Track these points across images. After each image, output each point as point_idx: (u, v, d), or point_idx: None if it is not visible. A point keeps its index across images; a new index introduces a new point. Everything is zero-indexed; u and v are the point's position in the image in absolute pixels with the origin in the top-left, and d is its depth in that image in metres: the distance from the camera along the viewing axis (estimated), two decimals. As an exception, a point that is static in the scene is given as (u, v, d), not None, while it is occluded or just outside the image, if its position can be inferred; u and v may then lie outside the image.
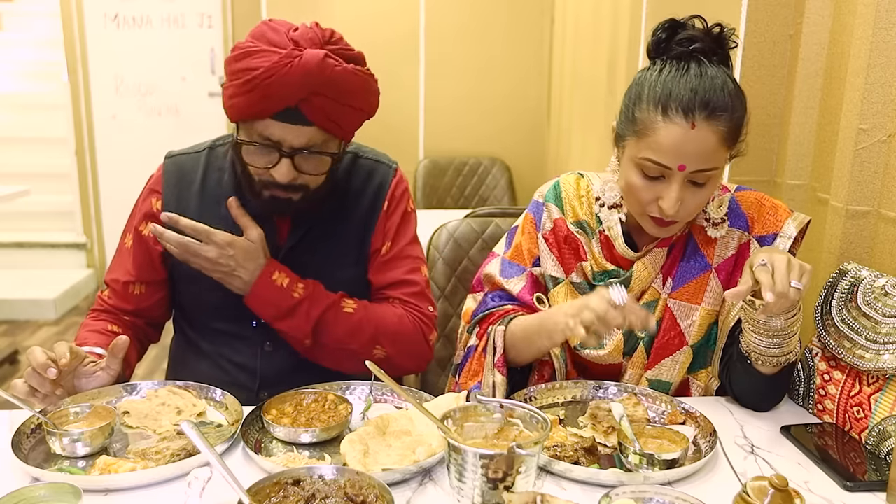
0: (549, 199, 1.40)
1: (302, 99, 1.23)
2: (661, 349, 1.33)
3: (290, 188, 1.30)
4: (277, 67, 1.21)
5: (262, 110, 1.24)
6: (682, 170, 1.18)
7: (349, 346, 1.38)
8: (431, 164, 4.27)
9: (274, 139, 1.26)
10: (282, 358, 1.42)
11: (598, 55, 3.01)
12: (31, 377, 1.19)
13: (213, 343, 1.45)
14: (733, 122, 1.18)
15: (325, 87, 1.23)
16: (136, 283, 1.45)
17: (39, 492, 0.91)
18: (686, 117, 1.16)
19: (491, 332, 1.35)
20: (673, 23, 1.23)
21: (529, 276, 1.39)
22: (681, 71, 1.19)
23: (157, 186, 1.44)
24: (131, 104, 4.86)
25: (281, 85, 1.21)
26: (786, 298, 1.10)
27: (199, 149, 1.47)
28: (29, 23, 6.02)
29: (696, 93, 1.16)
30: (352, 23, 4.21)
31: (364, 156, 1.48)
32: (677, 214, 1.21)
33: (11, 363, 3.78)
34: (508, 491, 0.91)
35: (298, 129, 1.25)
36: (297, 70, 1.21)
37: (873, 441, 1.15)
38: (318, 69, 1.21)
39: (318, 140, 1.28)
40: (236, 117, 1.29)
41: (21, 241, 5.12)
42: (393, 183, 1.47)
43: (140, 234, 1.44)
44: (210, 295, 1.41)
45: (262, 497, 0.92)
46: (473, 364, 1.37)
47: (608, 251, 1.34)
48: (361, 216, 1.44)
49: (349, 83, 1.26)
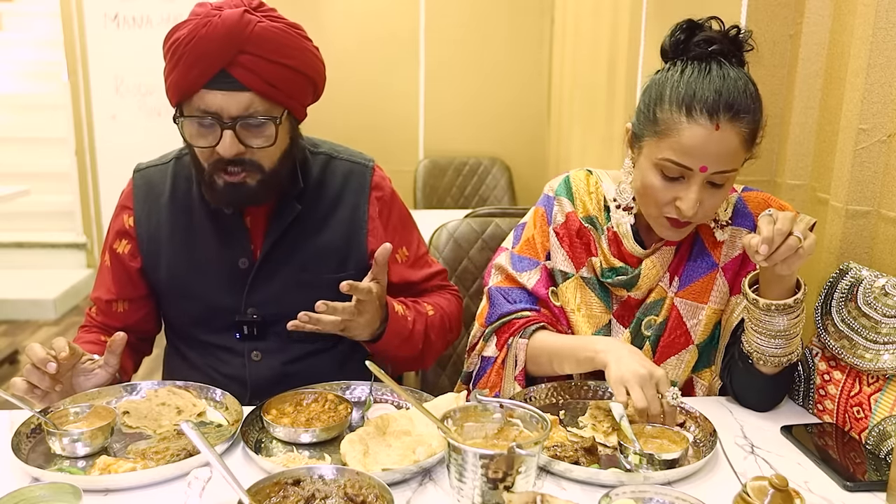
0: (561, 192, 1.40)
1: (230, 61, 1.21)
2: (667, 348, 1.33)
3: (240, 165, 1.27)
4: (197, 29, 1.21)
5: (195, 80, 1.22)
6: (703, 171, 1.17)
7: (440, 344, 1.45)
8: (431, 164, 4.27)
9: (212, 110, 1.23)
10: (270, 367, 1.42)
11: (598, 55, 3.01)
12: (30, 373, 1.18)
13: (201, 355, 1.45)
14: (755, 124, 1.19)
15: (250, 43, 1.21)
16: (118, 301, 1.45)
17: (39, 492, 0.91)
18: (711, 119, 1.15)
19: (512, 343, 1.34)
20: (691, 23, 1.22)
21: (543, 269, 1.38)
22: (703, 72, 1.18)
23: (127, 202, 1.44)
24: (131, 104, 4.86)
25: (204, 46, 1.20)
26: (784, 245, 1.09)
27: (166, 160, 1.46)
28: (29, 23, 6.02)
29: (720, 94, 1.15)
30: (352, 23, 4.21)
31: (339, 156, 1.46)
32: (695, 216, 1.21)
33: (11, 363, 3.78)
34: (508, 491, 0.91)
35: (234, 96, 1.22)
36: (217, 29, 1.20)
37: (873, 441, 1.15)
38: (237, 25, 1.20)
39: (259, 108, 1.24)
40: (176, 98, 1.26)
41: (21, 241, 5.13)
42: (374, 184, 1.45)
43: (115, 252, 1.44)
44: (192, 308, 1.42)
45: (262, 497, 0.92)
46: (492, 376, 1.37)
47: (616, 248, 1.34)
48: (345, 218, 1.42)
49: (276, 39, 1.24)
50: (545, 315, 1.37)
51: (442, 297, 1.51)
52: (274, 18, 1.26)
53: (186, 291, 1.40)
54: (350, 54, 4.21)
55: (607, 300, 1.36)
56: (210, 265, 1.39)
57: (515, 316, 1.37)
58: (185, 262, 1.39)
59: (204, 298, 1.40)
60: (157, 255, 1.41)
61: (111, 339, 1.25)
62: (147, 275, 1.43)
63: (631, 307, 1.35)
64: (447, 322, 1.47)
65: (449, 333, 1.49)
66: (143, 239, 1.41)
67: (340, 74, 4.25)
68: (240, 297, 1.38)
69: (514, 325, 1.36)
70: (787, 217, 1.11)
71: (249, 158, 1.27)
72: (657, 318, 1.33)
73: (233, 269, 1.37)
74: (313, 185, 1.42)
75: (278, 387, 1.26)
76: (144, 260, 1.42)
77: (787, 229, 1.10)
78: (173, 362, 1.51)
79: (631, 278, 1.32)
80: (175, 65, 1.23)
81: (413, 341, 1.39)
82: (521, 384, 1.32)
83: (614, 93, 2.78)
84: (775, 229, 1.10)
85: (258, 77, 1.22)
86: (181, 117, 1.27)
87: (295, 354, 1.42)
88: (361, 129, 4.11)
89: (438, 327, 1.44)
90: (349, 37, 4.21)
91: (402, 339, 1.36)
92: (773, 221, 1.11)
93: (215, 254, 1.38)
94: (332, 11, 4.17)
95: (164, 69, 1.26)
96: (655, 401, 1.11)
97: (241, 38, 1.21)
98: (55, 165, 5.17)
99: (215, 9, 1.23)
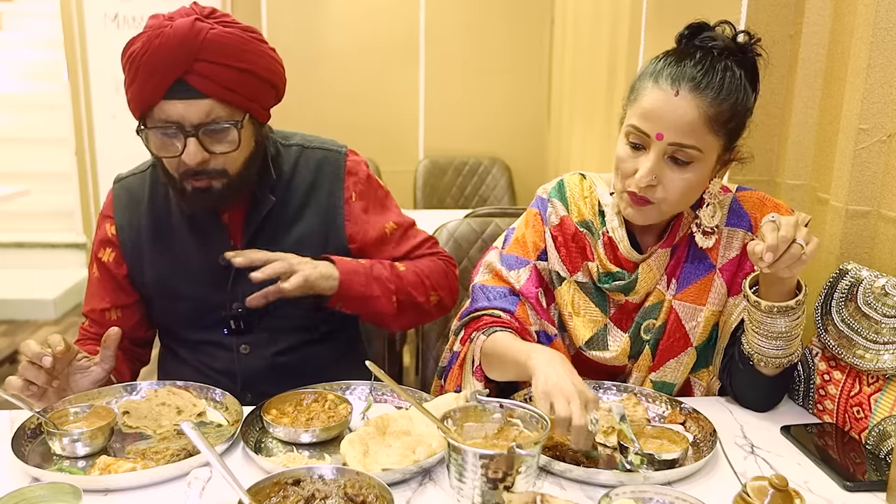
0: (554, 195, 1.38)
1: (185, 70, 1.22)
2: (667, 351, 1.32)
3: (206, 173, 1.28)
4: (150, 41, 1.22)
5: (153, 91, 1.23)
6: (659, 139, 1.17)
7: (418, 298, 1.43)
8: (431, 164, 4.27)
9: (173, 119, 1.24)
10: (259, 359, 1.43)
11: (598, 55, 3.01)
12: (25, 370, 1.18)
13: (193, 352, 1.47)
14: (722, 107, 1.17)
15: (203, 51, 1.22)
16: (111, 310, 1.46)
17: (39, 492, 0.91)
18: (672, 85, 1.16)
19: (474, 338, 1.32)
20: (701, 24, 1.23)
21: (534, 268, 1.36)
22: (687, 54, 1.19)
23: (108, 212, 1.46)
24: (131, 104, 4.85)
25: (159, 57, 1.21)
26: (787, 252, 1.09)
27: (143, 168, 1.48)
28: (29, 23, 6.01)
29: (687, 67, 1.17)
30: (352, 23, 4.21)
31: (311, 145, 1.47)
32: (653, 194, 1.20)
33: (11, 363, 3.78)
34: (508, 491, 0.91)
35: (194, 104, 1.23)
36: (169, 39, 1.21)
37: (873, 441, 1.15)
38: (189, 34, 1.22)
39: (220, 114, 1.25)
40: (137, 110, 1.28)
41: (21, 241, 5.12)
42: (348, 169, 1.46)
43: (101, 261, 1.45)
44: (179, 309, 1.43)
45: (262, 497, 0.92)
46: (456, 370, 1.36)
47: (612, 253, 1.32)
48: (321, 205, 1.43)
49: (230, 43, 1.25)
50: (516, 319, 1.33)
51: (423, 260, 1.50)
52: (227, 24, 1.27)
53: (173, 292, 1.42)
54: (350, 54, 4.21)
55: (604, 304, 1.35)
56: (192, 265, 1.40)
57: (486, 313, 1.35)
58: (168, 264, 1.41)
59: (190, 298, 1.41)
60: (141, 260, 1.43)
61: (105, 334, 1.26)
62: (133, 280, 1.45)
63: (629, 311, 1.34)
64: (426, 280, 1.46)
65: (432, 291, 1.47)
66: (127, 245, 1.43)
67: (340, 74, 4.27)
68: (224, 293, 1.40)
69: (480, 321, 1.34)
70: (790, 223, 1.10)
71: (213, 166, 1.28)
72: (656, 321, 1.33)
73: (215, 266, 1.37)
74: (287, 177, 1.43)
75: (268, 379, 1.29)
76: (129, 266, 1.44)
77: (791, 236, 1.09)
78: (167, 362, 1.53)
79: (628, 283, 1.31)
80: (133, 78, 1.25)
81: (380, 282, 1.38)
82: (480, 380, 1.30)
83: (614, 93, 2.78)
84: (779, 237, 1.09)
85: (215, 83, 1.24)
86: (145, 129, 1.28)
87: (283, 346, 1.44)
88: (361, 130, 4.11)
89: (414, 281, 1.44)
90: (349, 37, 4.21)
91: (364, 276, 1.37)
92: (777, 228, 1.10)
93: (196, 253, 1.40)
94: (332, 12, 4.17)
95: (124, 83, 1.28)
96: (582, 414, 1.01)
97: (195, 46, 1.22)
98: (55, 165, 5.16)
99: (167, 19, 1.25)
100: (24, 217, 5.14)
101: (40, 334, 4.26)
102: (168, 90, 1.23)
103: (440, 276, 1.49)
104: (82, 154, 4.93)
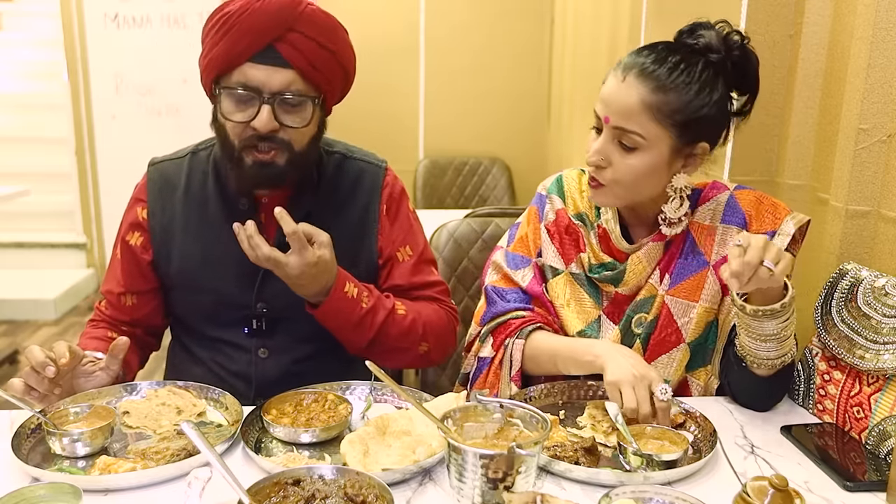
0: (552, 190, 1.43)
1: (278, 37, 1.24)
2: (658, 346, 1.33)
3: (272, 143, 1.28)
4: (251, 2, 1.24)
5: (241, 52, 1.24)
6: (606, 122, 1.24)
7: (401, 345, 1.39)
8: (431, 164, 4.27)
9: (252, 84, 1.25)
10: (277, 365, 1.42)
11: (598, 55, 3.01)
12: (28, 376, 1.18)
13: (208, 350, 1.45)
14: (668, 97, 1.20)
15: (300, 22, 1.25)
16: (127, 294, 1.45)
17: (39, 492, 0.91)
18: (623, 72, 1.23)
19: (508, 344, 1.35)
20: (702, 24, 1.26)
21: (535, 266, 1.40)
22: (656, 48, 1.24)
23: (141, 195, 1.45)
24: (131, 104, 4.85)
25: (256, 19, 1.23)
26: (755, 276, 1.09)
27: (181, 154, 1.47)
28: (29, 23, 6.01)
29: (642, 57, 1.23)
30: (352, 22, 4.17)
31: (353, 156, 1.47)
32: (603, 175, 1.25)
33: (11, 363, 3.78)
34: (508, 491, 0.91)
35: (277, 72, 1.25)
36: (270, 4, 1.24)
37: (873, 441, 1.15)
38: (291, 3, 1.25)
39: (299, 87, 1.27)
40: (216, 71, 1.28)
41: (21, 241, 5.12)
42: (386, 183, 1.46)
43: (127, 244, 1.44)
44: (201, 302, 1.41)
45: (262, 497, 0.92)
46: (489, 376, 1.37)
47: (605, 244, 1.36)
48: (355, 217, 1.43)
49: (324, 22, 1.29)
50: (540, 314, 1.38)
51: (429, 306, 1.45)
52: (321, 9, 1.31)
53: (197, 285, 1.41)
54: (350, 54, 4.20)
55: (597, 296, 1.37)
56: (222, 259, 1.39)
57: (511, 316, 1.38)
58: (197, 255, 1.40)
59: (214, 292, 1.40)
60: (169, 248, 1.41)
61: (114, 343, 1.25)
62: (158, 268, 1.43)
63: (620, 304, 1.36)
64: (421, 329, 1.40)
65: (423, 341, 1.41)
66: (156, 231, 1.42)
67: (340, 74, 4.27)
68: (250, 292, 1.39)
69: (510, 325, 1.37)
70: (756, 247, 1.09)
71: (281, 137, 1.29)
72: (647, 315, 1.33)
73: (244, 263, 1.36)
74: (327, 183, 1.43)
75: (283, 387, 1.26)
76: (156, 252, 1.42)
77: (757, 260, 1.08)
78: (177, 358, 1.51)
79: (617, 273, 1.33)
80: (222, 37, 1.25)
81: (361, 329, 1.34)
82: (518, 385, 1.33)
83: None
84: (744, 262, 1.08)
85: (303, 56, 1.26)
86: (220, 89, 1.28)
87: (302, 354, 1.43)
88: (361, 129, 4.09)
89: (406, 330, 1.38)
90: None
91: (346, 320, 1.33)
92: (743, 253, 1.09)
93: (228, 248, 1.37)
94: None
95: (204, 47, 1.28)
96: (646, 401, 1.14)
97: (293, 16, 1.25)
98: (55, 165, 5.16)
99: None
100: (24, 217, 5.14)
101: (40, 334, 4.26)
102: (256, 54, 1.24)
103: (439, 329, 1.43)
104: (82, 154, 4.93)
